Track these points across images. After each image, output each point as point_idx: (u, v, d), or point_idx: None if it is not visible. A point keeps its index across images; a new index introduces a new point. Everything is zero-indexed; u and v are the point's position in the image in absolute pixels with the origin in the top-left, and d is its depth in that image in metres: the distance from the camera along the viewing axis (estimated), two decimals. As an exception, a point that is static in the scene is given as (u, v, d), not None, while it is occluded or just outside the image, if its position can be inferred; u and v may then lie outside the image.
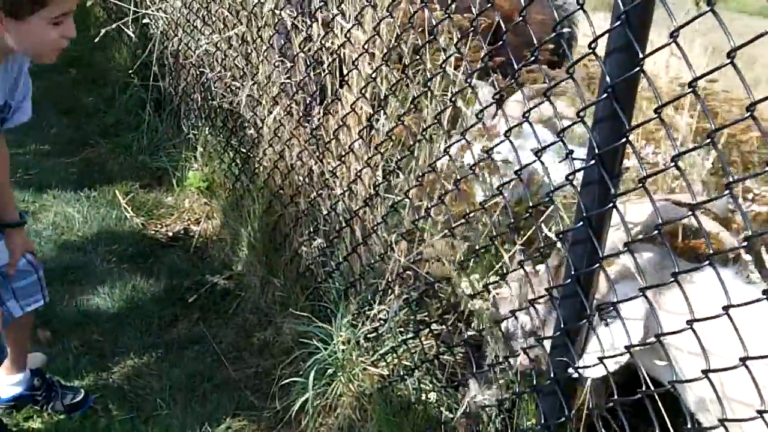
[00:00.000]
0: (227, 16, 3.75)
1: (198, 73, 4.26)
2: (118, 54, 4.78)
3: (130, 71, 4.63)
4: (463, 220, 2.30)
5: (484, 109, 2.24)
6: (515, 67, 1.97)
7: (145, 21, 4.74)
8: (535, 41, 1.85)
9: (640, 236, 1.90)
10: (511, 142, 2.01)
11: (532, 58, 1.87)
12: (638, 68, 1.57)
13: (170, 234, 4.07)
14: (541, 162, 1.87)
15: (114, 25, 4.64)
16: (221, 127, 4.17)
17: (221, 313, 3.47)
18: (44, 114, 5.23)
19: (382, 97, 2.74)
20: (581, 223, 1.74)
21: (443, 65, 2.48)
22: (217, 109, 4.13)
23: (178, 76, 4.60)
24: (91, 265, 3.72)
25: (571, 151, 1.78)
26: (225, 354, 3.21)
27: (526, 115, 1.90)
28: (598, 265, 1.74)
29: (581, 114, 1.70)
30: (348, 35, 2.72)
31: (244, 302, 3.48)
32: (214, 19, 4.01)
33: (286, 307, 3.24)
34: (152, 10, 4.63)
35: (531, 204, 1.99)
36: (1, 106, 2.19)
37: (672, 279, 1.50)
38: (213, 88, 3.99)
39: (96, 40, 4.58)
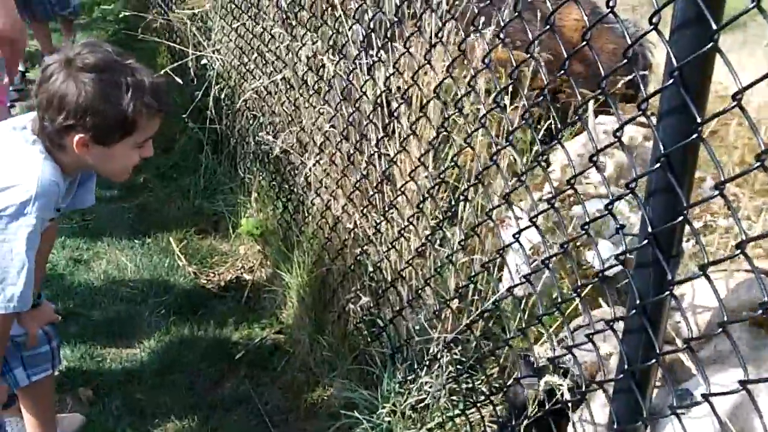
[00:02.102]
0: (273, 60, 3.61)
1: (251, 116, 4.14)
2: (180, 97, 4.71)
3: (183, 115, 4.53)
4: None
5: (537, 163, 2.01)
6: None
7: (203, 62, 4.67)
8: (602, 73, 1.60)
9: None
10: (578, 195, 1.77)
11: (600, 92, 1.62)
12: (696, 135, 1.33)
13: (222, 283, 3.93)
14: (589, 234, 1.64)
15: (175, 64, 4.57)
16: (273, 172, 4.03)
17: (269, 371, 3.30)
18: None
19: (428, 147, 2.54)
20: (634, 311, 1.50)
21: (498, 98, 2.18)
22: (268, 154, 3.99)
23: (234, 118, 4.49)
24: (139, 317, 3.61)
25: (622, 226, 1.54)
26: (271, 416, 3.05)
27: (572, 181, 1.67)
28: (654, 360, 1.49)
29: (631, 185, 1.47)
30: (388, 83, 2.54)
31: (293, 359, 3.30)
32: (261, 62, 3.88)
33: (334, 367, 3.05)
34: (208, 52, 4.54)
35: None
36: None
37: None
38: (263, 132, 3.85)
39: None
